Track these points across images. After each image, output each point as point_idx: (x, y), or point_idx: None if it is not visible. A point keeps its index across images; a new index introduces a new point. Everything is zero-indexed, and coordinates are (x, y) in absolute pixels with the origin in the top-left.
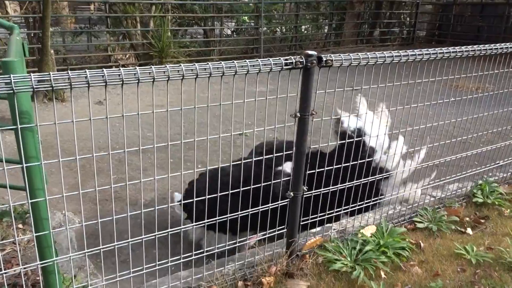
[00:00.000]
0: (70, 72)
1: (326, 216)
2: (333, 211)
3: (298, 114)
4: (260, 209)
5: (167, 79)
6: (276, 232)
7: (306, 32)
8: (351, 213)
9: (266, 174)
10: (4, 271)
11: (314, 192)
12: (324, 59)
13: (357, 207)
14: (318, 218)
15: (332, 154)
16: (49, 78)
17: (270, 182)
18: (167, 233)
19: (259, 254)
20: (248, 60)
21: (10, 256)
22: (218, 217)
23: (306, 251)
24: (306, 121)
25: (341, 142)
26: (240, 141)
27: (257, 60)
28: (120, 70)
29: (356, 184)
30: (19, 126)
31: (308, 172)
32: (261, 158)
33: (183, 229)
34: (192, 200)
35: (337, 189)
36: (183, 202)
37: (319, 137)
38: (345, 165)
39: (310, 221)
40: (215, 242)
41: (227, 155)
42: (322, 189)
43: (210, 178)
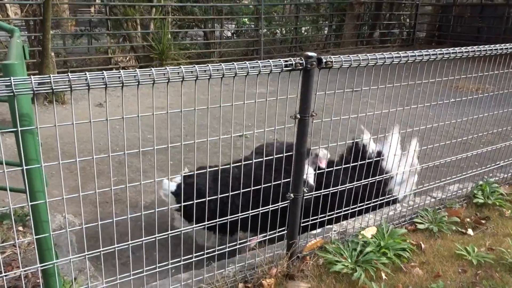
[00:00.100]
0: (70, 74)
1: (325, 218)
2: (333, 212)
3: (298, 116)
4: (261, 211)
5: (167, 81)
6: (277, 234)
7: (306, 33)
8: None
9: (270, 175)
10: (4, 274)
11: (315, 194)
12: (324, 61)
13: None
14: (319, 220)
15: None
16: (49, 81)
17: (269, 184)
18: (167, 235)
19: (259, 256)
20: (248, 62)
21: (10, 259)
22: (218, 219)
23: (306, 252)
24: (306, 122)
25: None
26: (240, 142)
27: (257, 62)
28: (120, 72)
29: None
30: (19, 129)
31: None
32: (263, 159)
33: (183, 231)
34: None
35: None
36: (182, 204)
37: (319, 138)
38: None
39: (310, 222)
40: (215, 241)
41: (227, 157)
42: (322, 191)
43: (210, 176)
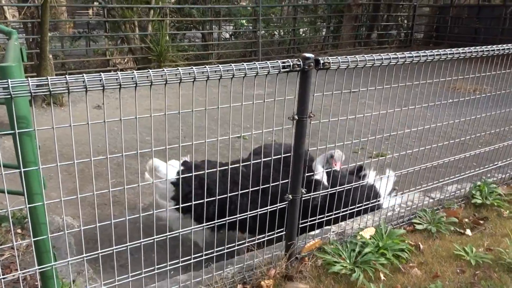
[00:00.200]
0: (68, 76)
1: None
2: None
3: (296, 117)
4: (259, 212)
5: (165, 82)
6: (275, 235)
7: (304, 35)
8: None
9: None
10: (3, 277)
11: (313, 195)
12: (322, 62)
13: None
14: (317, 221)
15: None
16: (47, 83)
17: (276, 183)
18: (166, 237)
19: (258, 257)
20: (245, 63)
21: (9, 262)
22: (219, 216)
23: (305, 253)
24: (304, 123)
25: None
26: (238, 144)
27: (255, 63)
28: (117, 74)
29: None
30: (17, 131)
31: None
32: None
33: (181, 233)
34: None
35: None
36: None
37: (317, 139)
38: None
39: (308, 223)
40: (211, 237)
41: (226, 158)
42: (321, 192)
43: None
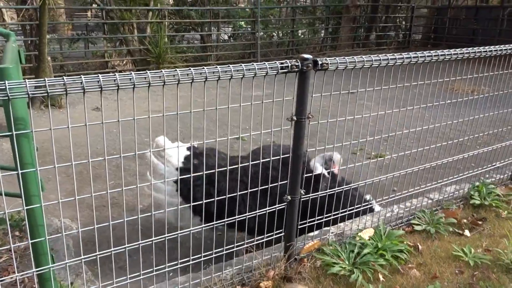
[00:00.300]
0: (65, 78)
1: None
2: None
3: (295, 118)
4: (258, 213)
5: (163, 83)
6: (274, 236)
7: (302, 36)
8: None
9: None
10: (0, 279)
11: (312, 196)
12: (320, 63)
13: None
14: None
15: None
16: (45, 84)
17: (266, 186)
18: (164, 239)
19: (257, 258)
20: (243, 64)
21: (7, 264)
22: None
23: (304, 254)
24: (302, 124)
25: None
26: (237, 145)
27: (253, 64)
28: (115, 75)
29: None
30: (14, 133)
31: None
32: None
33: (180, 234)
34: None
35: None
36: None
37: (316, 140)
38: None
39: (307, 224)
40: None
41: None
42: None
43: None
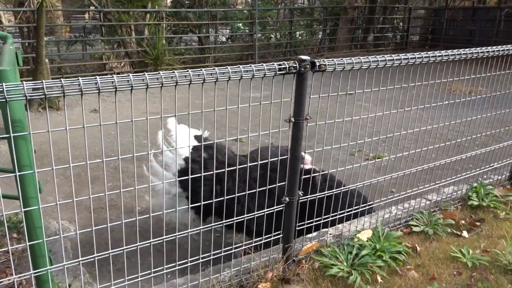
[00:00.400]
0: (63, 80)
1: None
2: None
3: (292, 119)
4: (256, 215)
5: (161, 85)
6: (272, 238)
7: (300, 38)
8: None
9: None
10: None
11: (310, 197)
12: (318, 64)
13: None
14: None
15: None
16: (42, 86)
17: (265, 188)
18: (163, 240)
19: (255, 260)
20: (241, 66)
21: (4, 266)
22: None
23: (302, 256)
24: (300, 126)
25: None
26: (235, 147)
27: (251, 66)
28: (113, 77)
29: None
30: (12, 135)
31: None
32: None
33: (178, 236)
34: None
35: None
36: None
37: (314, 142)
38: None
39: (306, 226)
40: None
41: None
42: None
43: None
